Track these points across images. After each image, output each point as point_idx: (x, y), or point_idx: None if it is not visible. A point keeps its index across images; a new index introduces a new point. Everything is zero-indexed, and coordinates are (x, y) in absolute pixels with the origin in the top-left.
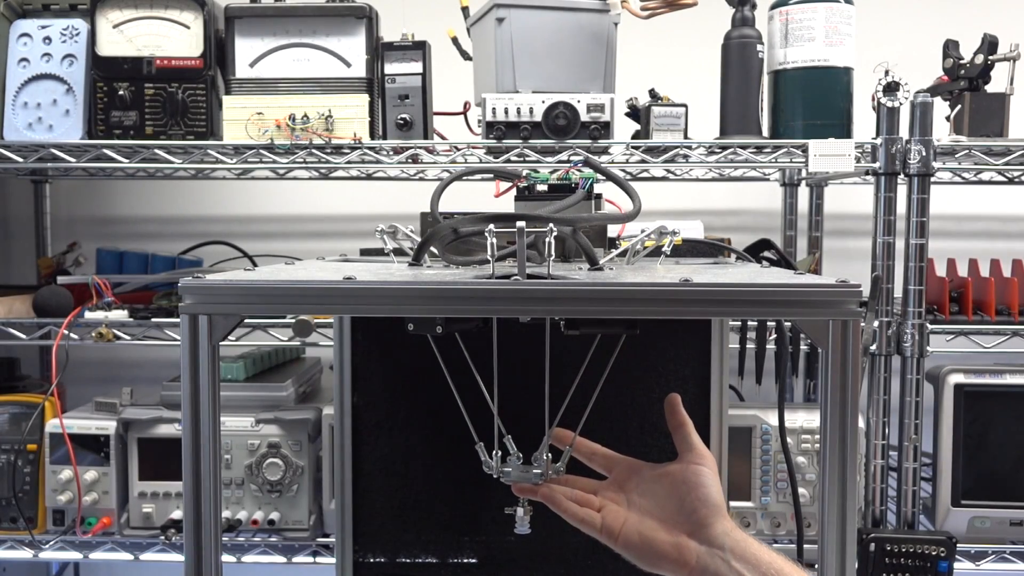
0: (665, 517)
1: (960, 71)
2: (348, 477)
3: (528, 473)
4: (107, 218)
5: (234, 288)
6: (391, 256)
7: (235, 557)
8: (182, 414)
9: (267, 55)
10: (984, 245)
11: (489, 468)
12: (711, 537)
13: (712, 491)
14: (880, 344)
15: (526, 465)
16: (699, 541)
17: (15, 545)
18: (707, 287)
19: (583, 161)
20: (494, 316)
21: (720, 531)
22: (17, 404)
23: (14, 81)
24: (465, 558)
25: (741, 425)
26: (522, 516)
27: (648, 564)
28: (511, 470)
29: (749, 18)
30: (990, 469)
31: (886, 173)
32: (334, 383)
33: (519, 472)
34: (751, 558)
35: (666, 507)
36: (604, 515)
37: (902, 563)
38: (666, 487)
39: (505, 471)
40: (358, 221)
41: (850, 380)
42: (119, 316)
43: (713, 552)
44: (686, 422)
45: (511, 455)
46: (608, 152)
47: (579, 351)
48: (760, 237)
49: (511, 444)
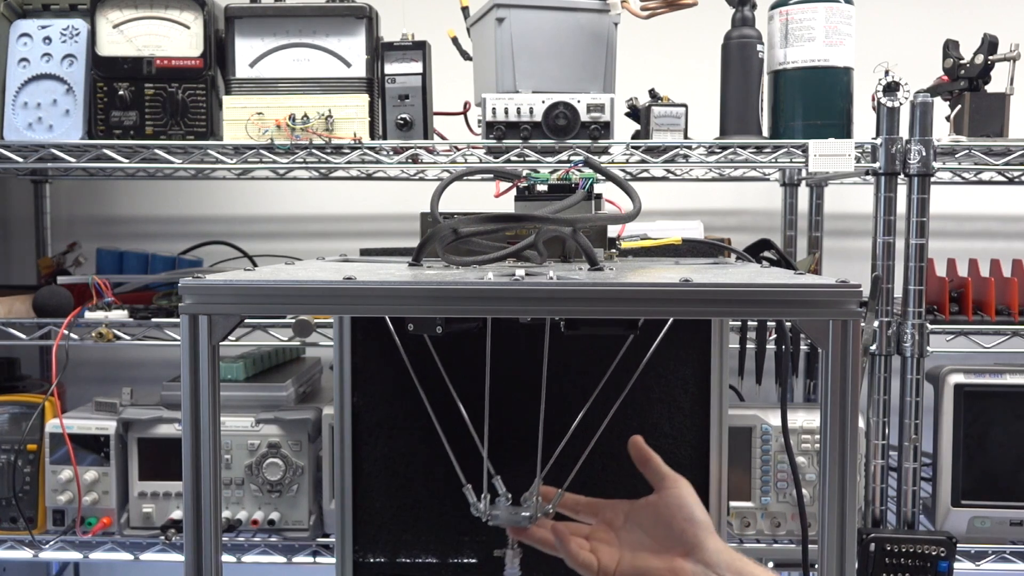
0: (656, 546)
1: (960, 71)
2: (348, 477)
3: (517, 516)
4: (107, 218)
5: (234, 288)
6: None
7: (235, 557)
8: (182, 414)
9: (267, 55)
10: (984, 245)
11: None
12: (705, 557)
13: (696, 510)
14: (880, 344)
15: (515, 507)
16: (694, 562)
17: (15, 545)
18: (707, 287)
19: (583, 161)
20: (494, 316)
21: (713, 549)
22: (17, 404)
23: (14, 81)
24: (465, 558)
25: (741, 425)
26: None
27: None
28: (500, 512)
29: (749, 18)
30: (990, 469)
31: (886, 173)
32: (334, 383)
33: (508, 515)
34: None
35: (656, 535)
36: (598, 556)
37: (902, 563)
38: (651, 517)
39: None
40: (358, 221)
41: (850, 380)
42: (119, 316)
43: (708, 571)
44: (652, 456)
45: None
46: (608, 152)
47: (580, 352)
48: (760, 237)
49: (500, 484)
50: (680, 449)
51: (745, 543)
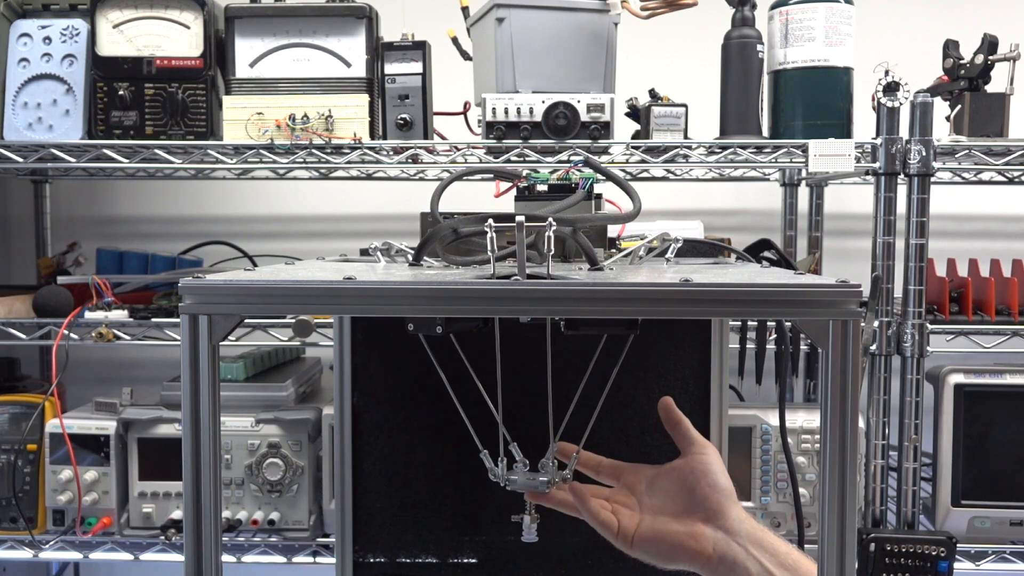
0: (678, 510)
1: (960, 71)
2: (348, 477)
3: (535, 481)
4: (107, 218)
5: (234, 288)
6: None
7: (235, 557)
8: (182, 414)
9: (267, 55)
10: (984, 245)
11: (495, 476)
12: (726, 523)
13: (720, 478)
14: (880, 344)
15: (532, 472)
16: (714, 527)
17: (15, 545)
18: (707, 287)
19: (583, 161)
20: (494, 316)
21: (735, 517)
22: (17, 404)
23: (14, 81)
24: (465, 558)
25: (741, 425)
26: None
27: (666, 560)
28: (517, 477)
29: (749, 18)
30: (990, 469)
31: (886, 173)
32: (334, 383)
33: (525, 480)
34: (768, 546)
35: (677, 500)
36: (619, 519)
37: (902, 563)
38: (675, 481)
39: (511, 479)
40: (358, 221)
41: (850, 380)
42: (119, 316)
43: (729, 539)
44: (682, 419)
45: (517, 462)
46: (608, 152)
47: (580, 352)
48: (760, 237)
49: (516, 451)
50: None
51: None
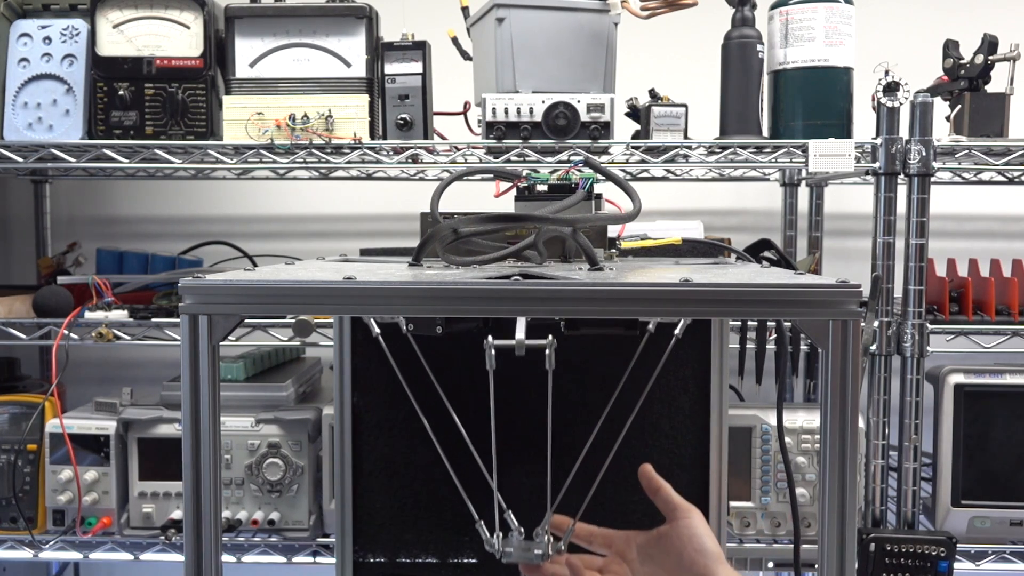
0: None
1: (960, 71)
2: (348, 477)
3: (530, 553)
4: (107, 218)
5: (234, 288)
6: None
7: (235, 557)
8: (182, 414)
9: (267, 55)
10: (984, 245)
11: (490, 547)
12: None
13: (707, 541)
14: (880, 344)
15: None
16: None
17: (15, 545)
18: (707, 287)
19: (583, 161)
20: (494, 316)
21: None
22: (17, 404)
23: (14, 81)
24: (465, 558)
25: (741, 425)
26: None
27: None
28: (512, 549)
29: (749, 18)
30: (990, 469)
31: (886, 173)
32: (334, 383)
33: (521, 552)
34: None
35: (667, 566)
36: None
37: (902, 563)
38: (663, 548)
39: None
40: (358, 221)
41: (850, 380)
42: (119, 316)
43: None
44: (663, 485)
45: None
46: (608, 152)
47: (579, 358)
48: (760, 237)
49: (512, 519)
50: (680, 449)
51: (745, 543)
